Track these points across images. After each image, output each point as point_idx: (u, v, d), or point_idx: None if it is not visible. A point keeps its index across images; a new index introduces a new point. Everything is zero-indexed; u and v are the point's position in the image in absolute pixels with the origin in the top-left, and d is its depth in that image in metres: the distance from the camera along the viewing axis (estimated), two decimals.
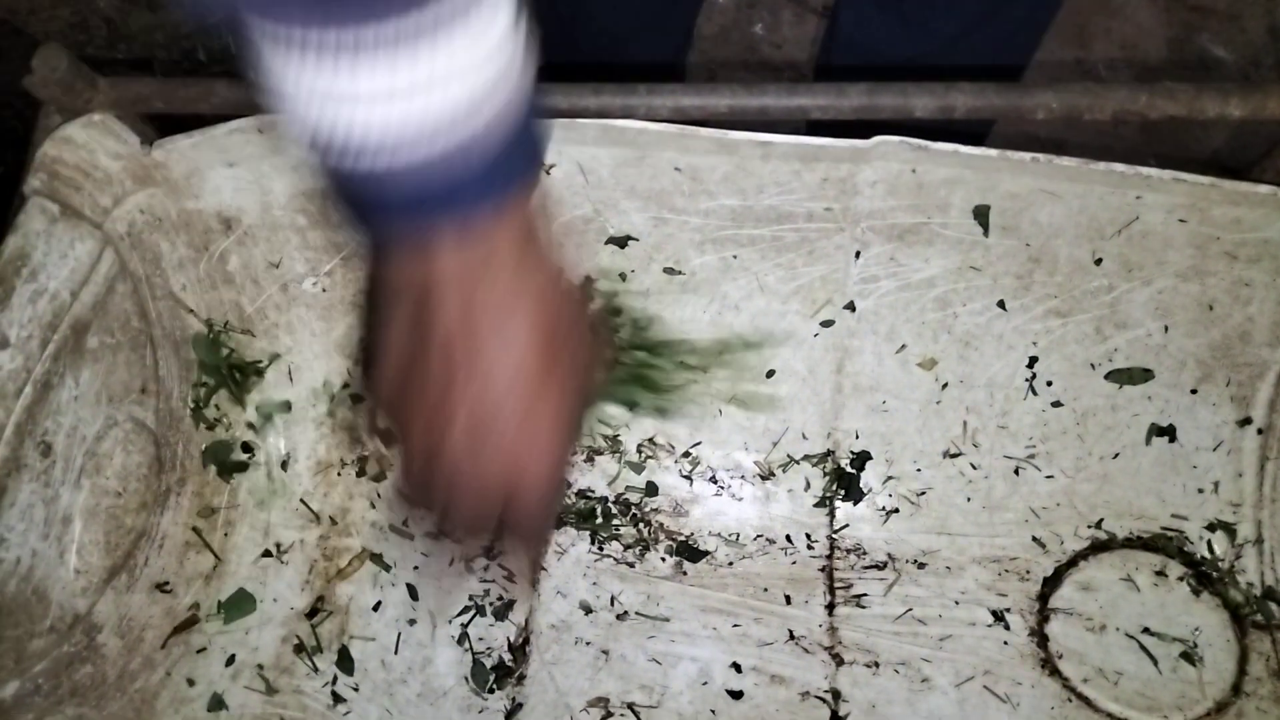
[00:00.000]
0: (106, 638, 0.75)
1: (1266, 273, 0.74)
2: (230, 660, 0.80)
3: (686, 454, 0.88)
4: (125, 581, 0.77)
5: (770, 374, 0.86)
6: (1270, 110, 0.67)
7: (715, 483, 0.87)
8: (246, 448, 0.86)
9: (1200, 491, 0.82)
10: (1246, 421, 0.81)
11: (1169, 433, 0.82)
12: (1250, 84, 0.67)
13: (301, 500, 0.86)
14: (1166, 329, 0.79)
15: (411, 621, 0.83)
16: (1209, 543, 0.82)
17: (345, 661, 0.81)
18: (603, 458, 0.88)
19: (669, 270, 0.82)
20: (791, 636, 0.82)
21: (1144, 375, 0.81)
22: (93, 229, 0.73)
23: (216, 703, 0.79)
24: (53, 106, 0.71)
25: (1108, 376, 0.82)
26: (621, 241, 0.81)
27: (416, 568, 0.85)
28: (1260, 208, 0.69)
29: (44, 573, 0.71)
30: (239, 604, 0.81)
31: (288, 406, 0.87)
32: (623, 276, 0.82)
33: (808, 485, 0.86)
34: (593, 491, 0.87)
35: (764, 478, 0.87)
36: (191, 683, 0.79)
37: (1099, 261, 0.77)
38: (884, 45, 0.90)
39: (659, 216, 0.78)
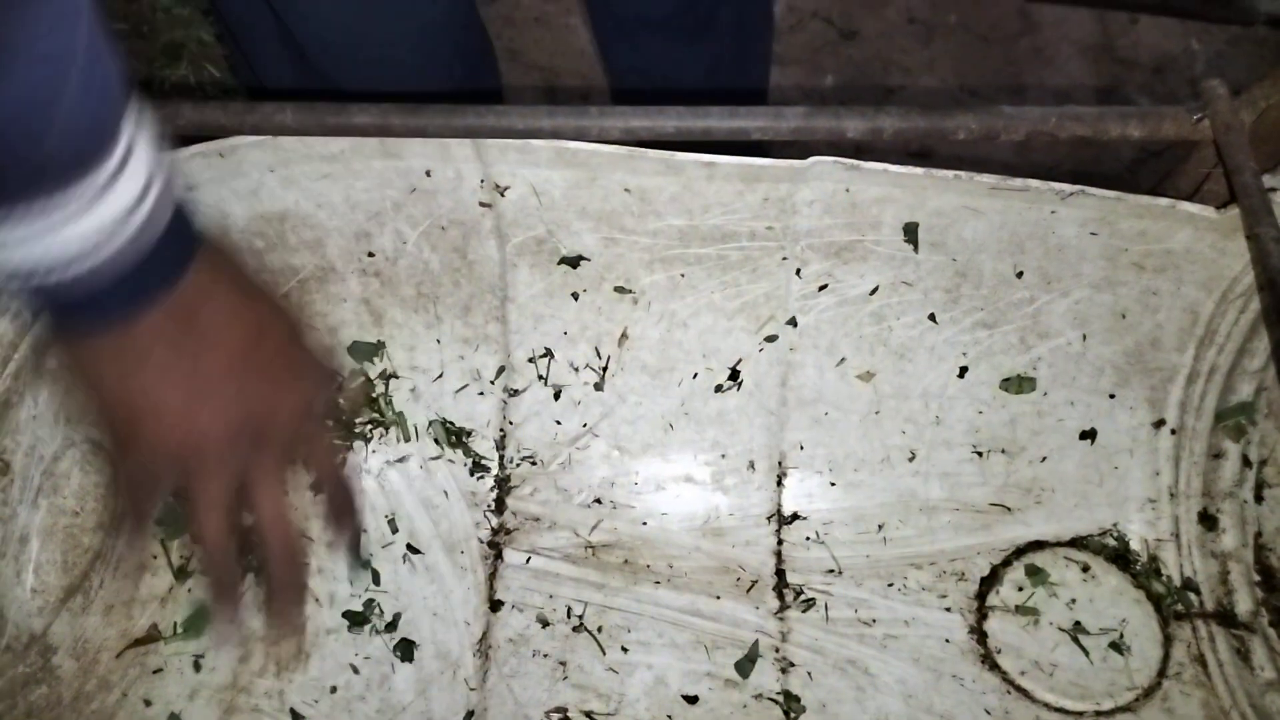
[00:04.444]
0: (62, 659, 0.74)
1: (1171, 281, 0.80)
2: (195, 666, 0.80)
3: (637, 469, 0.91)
4: (81, 602, 0.77)
5: (719, 389, 0.90)
6: (1165, 132, 0.73)
7: (666, 494, 0.90)
8: None
9: (1121, 490, 0.87)
10: (1160, 423, 0.86)
11: (1091, 435, 0.87)
12: (1148, 108, 0.74)
13: None
14: (1085, 337, 0.85)
15: (370, 637, 0.84)
16: (1131, 539, 0.87)
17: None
18: (553, 468, 0.90)
19: (619, 289, 0.86)
20: (744, 641, 0.85)
21: (1029, 384, 0.87)
22: None
23: None
24: None
25: (1000, 386, 0.87)
26: (574, 262, 0.84)
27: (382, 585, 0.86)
28: (1162, 220, 0.75)
29: (0, 592, 0.70)
30: (202, 619, 0.81)
31: None
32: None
33: (756, 494, 0.90)
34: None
35: (714, 488, 0.90)
36: (148, 703, 0.78)
37: (1020, 274, 0.82)
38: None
39: (609, 237, 0.82)
